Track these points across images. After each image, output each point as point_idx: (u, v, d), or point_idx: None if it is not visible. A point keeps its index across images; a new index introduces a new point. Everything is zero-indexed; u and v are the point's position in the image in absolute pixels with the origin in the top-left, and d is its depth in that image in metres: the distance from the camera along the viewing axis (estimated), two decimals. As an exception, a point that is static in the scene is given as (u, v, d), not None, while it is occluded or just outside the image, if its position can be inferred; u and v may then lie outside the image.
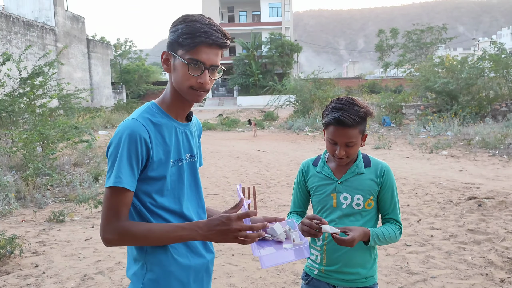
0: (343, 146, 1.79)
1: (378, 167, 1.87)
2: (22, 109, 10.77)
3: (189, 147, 1.62)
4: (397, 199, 1.90)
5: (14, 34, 22.70)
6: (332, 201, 1.87)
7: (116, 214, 1.43)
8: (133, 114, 1.53)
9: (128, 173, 1.43)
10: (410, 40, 50.51)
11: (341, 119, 1.75)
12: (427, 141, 13.44)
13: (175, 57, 1.49)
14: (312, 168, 1.97)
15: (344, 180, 1.86)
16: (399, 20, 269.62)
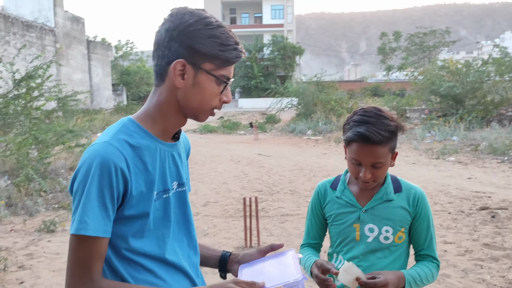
0: (369, 168, 1.47)
1: (411, 193, 1.56)
2: (17, 112, 10.47)
3: (177, 173, 1.28)
4: (433, 232, 1.59)
5: (13, 34, 22.46)
6: (354, 233, 1.55)
7: (86, 272, 1.10)
8: (104, 135, 1.17)
9: (98, 216, 1.10)
10: (413, 43, 50.35)
11: (366, 135, 1.42)
12: (433, 146, 13.12)
13: (198, 71, 1.18)
14: (330, 192, 1.64)
15: (370, 208, 1.54)
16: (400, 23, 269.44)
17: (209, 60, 1.17)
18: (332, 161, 11.76)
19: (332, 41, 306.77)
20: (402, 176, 6.71)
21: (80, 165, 1.13)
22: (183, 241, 1.30)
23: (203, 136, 20.68)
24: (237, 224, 5.97)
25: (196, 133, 21.89)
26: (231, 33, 1.21)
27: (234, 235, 5.56)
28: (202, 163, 11.83)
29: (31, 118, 10.57)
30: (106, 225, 1.11)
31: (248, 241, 5.10)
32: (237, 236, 5.47)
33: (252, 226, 5.26)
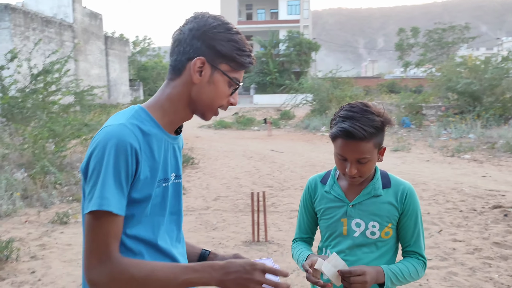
0: (354, 163, 1.47)
1: (399, 189, 1.56)
2: (34, 106, 10.69)
3: (176, 165, 1.33)
4: (422, 229, 1.59)
5: (32, 30, 22.84)
6: (342, 228, 1.55)
7: (105, 250, 1.13)
8: (118, 119, 1.22)
9: (116, 194, 1.13)
10: (431, 39, 49.57)
11: (350, 131, 1.43)
12: (448, 144, 12.95)
13: (215, 70, 1.25)
14: (320, 186, 1.65)
15: (358, 203, 1.54)
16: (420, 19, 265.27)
17: (226, 61, 1.25)
18: (345, 157, 11.70)
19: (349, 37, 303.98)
20: (416, 174, 6.69)
21: (95, 145, 1.16)
22: (174, 231, 1.34)
23: (217, 131, 20.78)
24: (246, 218, 6.01)
25: (210, 129, 22.00)
26: (246, 41, 1.29)
27: (243, 229, 5.60)
28: (215, 158, 11.90)
29: (48, 112, 10.79)
30: (122, 203, 1.15)
31: (255, 236, 5.14)
32: (245, 231, 5.51)
33: (260, 221, 5.29)
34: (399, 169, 9.71)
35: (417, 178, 8.57)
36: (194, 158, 10.88)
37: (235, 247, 4.95)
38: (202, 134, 19.11)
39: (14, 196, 6.70)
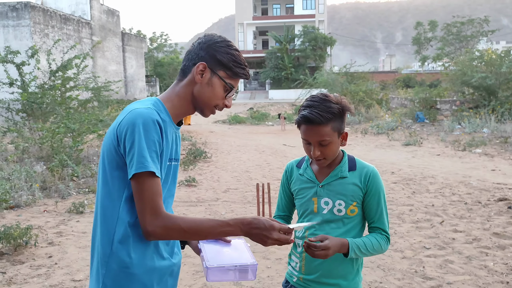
0: (316, 146, 1.67)
1: (363, 171, 1.73)
2: (53, 101, 11.05)
3: (176, 150, 1.61)
4: (385, 207, 1.75)
5: (51, 27, 23.37)
6: (313, 206, 1.75)
7: (155, 207, 1.40)
8: (143, 104, 1.51)
9: (151, 158, 1.40)
10: (450, 33, 48.86)
11: (308, 117, 1.65)
12: (460, 138, 12.92)
13: (214, 75, 1.54)
14: (296, 170, 1.85)
15: (326, 184, 1.73)
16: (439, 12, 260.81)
17: (224, 69, 1.54)
18: (356, 151, 11.80)
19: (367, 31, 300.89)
20: (425, 167, 6.85)
21: (129, 121, 1.41)
22: (169, 204, 1.61)
23: (231, 126, 21.00)
24: (253, 210, 6.21)
25: (225, 124, 22.24)
26: (243, 58, 1.59)
27: (250, 219, 5.80)
28: (228, 152, 12.12)
29: (66, 107, 11.15)
30: (158, 167, 1.42)
31: (261, 225, 5.33)
32: (252, 221, 5.71)
33: (265, 211, 5.49)
34: (409, 163, 9.78)
35: (425, 172, 8.65)
36: (207, 152, 11.13)
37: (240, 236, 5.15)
38: (216, 129, 19.36)
39: (33, 187, 7.04)
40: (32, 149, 9.47)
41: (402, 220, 5.59)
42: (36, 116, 11.16)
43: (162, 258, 1.54)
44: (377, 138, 14.50)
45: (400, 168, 9.12)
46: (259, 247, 4.73)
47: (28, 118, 11.34)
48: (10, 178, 7.31)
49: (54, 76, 11.56)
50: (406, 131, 15.11)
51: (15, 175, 7.32)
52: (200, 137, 14.93)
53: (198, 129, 18.33)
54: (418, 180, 7.95)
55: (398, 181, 7.96)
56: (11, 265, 4.28)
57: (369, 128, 16.53)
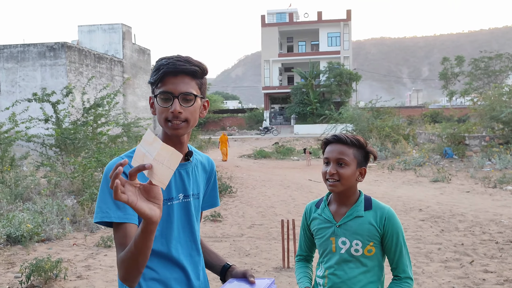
0: (334, 164, 1.76)
1: (379, 212, 1.77)
2: (85, 137, 11.46)
3: (183, 187, 1.58)
4: (405, 248, 1.77)
5: (86, 66, 24.43)
6: (331, 245, 1.80)
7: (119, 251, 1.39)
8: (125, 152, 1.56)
9: (115, 206, 1.40)
10: (477, 68, 48.43)
11: (338, 135, 1.79)
12: (490, 174, 12.62)
13: (154, 97, 1.52)
14: (315, 209, 1.92)
15: (343, 224, 1.78)
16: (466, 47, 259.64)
17: (152, 86, 1.52)
18: (383, 188, 11.67)
19: (393, 67, 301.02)
20: (454, 205, 6.74)
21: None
22: (187, 243, 1.60)
23: (256, 161, 21.12)
24: (278, 246, 6.20)
25: (250, 158, 22.39)
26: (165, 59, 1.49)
27: (274, 256, 5.80)
28: (253, 187, 12.18)
29: (97, 142, 11.54)
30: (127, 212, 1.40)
31: (285, 262, 5.32)
32: (276, 257, 5.70)
33: (290, 248, 5.48)
34: (437, 199, 9.60)
35: (454, 209, 8.47)
36: (232, 187, 11.21)
37: (265, 272, 5.15)
38: (242, 163, 19.51)
39: (64, 221, 7.24)
40: (64, 183, 9.78)
41: (430, 259, 5.48)
42: (68, 151, 11.57)
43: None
44: (404, 174, 14.31)
45: (428, 205, 8.96)
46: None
47: (61, 153, 11.77)
48: (43, 211, 7.55)
49: (87, 113, 12.04)
50: (434, 167, 14.87)
51: (47, 208, 7.56)
52: (225, 172, 15.07)
53: (223, 164, 18.51)
54: (447, 218, 7.78)
55: (426, 218, 7.81)
56: (41, 297, 4.39)
57: (396, 163, 16.34)
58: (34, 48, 22.76)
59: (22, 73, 22.89)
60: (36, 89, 19.67)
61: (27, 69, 22.85)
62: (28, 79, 22.78)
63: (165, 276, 1.52)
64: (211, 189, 1.76)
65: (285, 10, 49.79)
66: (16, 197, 8.73)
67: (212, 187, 1.76)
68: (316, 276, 1.87)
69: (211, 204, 1.78)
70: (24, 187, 9.37)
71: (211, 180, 1.76)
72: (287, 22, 47.94)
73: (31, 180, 9.98)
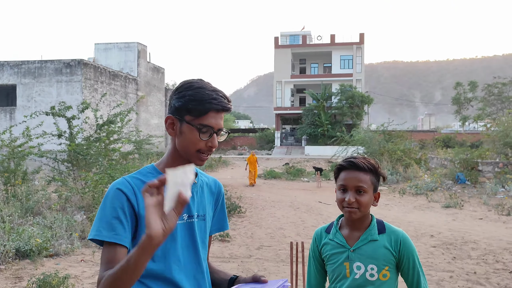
0: (353, 192, 1.72)
1: (393, 235, 1.75)
2: (97, 153, 11.56)
3: (187, 207, 1.57)
4: (421, 270, 1.74)
5: (101, 83, 24.83)
6: (345, 271, 1.76)
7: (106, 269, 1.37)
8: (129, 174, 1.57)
9: (108, 226, 1.40)
10: (491, 94, 48.24)
11: (354, 161, 1.76)
12: (504, 202, 12.41)
13: (182, 122, 1.52)
14: (325, 235, 1.88)
15: (357, 248, 1.75)
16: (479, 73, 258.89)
17: (187, 113, 1.50)
18: (394, 212, 11.53)
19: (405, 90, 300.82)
20: (466, 232, 6.64)
21: None
22: (191, 264, 1.57)
23: (266, 181, 21.04)
24: (286, 269, 6.13)
25: (260, 179, 22.31)
26: (208, 91, 1.50)
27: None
28: (262, 207, 12.11)
29: (109, 159, 11.63)
30: (118, 233, 1.39)
31: (294, 286, 5.23)
32: (284, 280, 5.62)
33: (299, 271, 5.41)
34: (449, 226, 9.44)
35: (467, 236, 8.31)
36: (241, 207, 11.16)
37: (273, 295, 5.07)
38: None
39: (73, 236, 7.25)
40: (74, 198, 9.83)
41: (442, 287, 5.35)
42: (80, 166, 11.67)
43: None
44: (415, 199, 14.13)
45: (440, 231, 8.81)
46: None
47: (73, 168, 11.87)
48: (52, 226, 7.58)
49: (100, 130, 12.17)
50: (446, 193, 14.68)
51: (56, 223, 7.58)
52: (235, 191, 15.03)
53: (233, 183, 18.48)
54: (459, 245, 7.63)
55: (438, 245, 7.67)
56: (47, 313, 4.37)
57: (407, 188, 16.16)
58: (51, 64, 23.24)
59: (38, 89, 23.34)
60: (51, 104, 20.00)
61: (43, 84, 23.30)
62: (44, 95, 23.20)
63: None
64: (219, 211, 1.74)
65: (299, 33, 50.29)
66: (26, 211, 8.79)
67: (220, 209, 1.75)
68: None
69: (220, 228, 1.76)
70: (35, 201, 9.43)
71: (218, 203, 1.74)
72: (300, 44, 48.37)
73: (42, 195, 10.05)
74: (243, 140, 51.02)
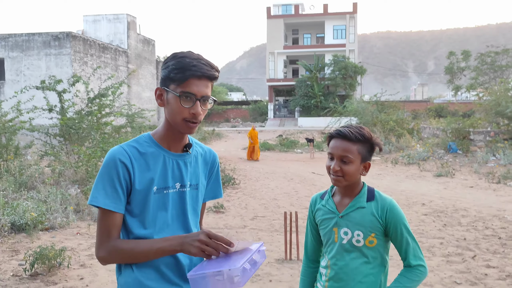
0: (338, 161, 1.75)
1: (381, 203, 1.76)
2: (89, 127, 11.48)
3: (180, 176, 1.63)
4: (410, 237, 1.75)
5: (90, 56, 24.42)
6: (334, 236, 1.80)
7: (106, 234, 1.51)
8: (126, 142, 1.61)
9: (105, 194, 1.50)
10: (484, 63, 48.12)
11: (341, 130, 1.76)
12: (495, 170, 12.58)
13: (168, 92, 1.55)
14: (319, 201, 1.91)
15: (345, 214, 1.78)
16: (472, 42, 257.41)
17: (170, 82, 1.54)
18: (386, 181, 11.66)
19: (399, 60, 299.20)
20: (457, 199, 6.72)
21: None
22: (179, 229, 1.62)
23: (260, 153, 21.09)
24: (280, 238, 6.22)
25: (254, 151, 22.35)
26: (190, 59, 1.52)
27: (277, 248, 5.81)
28: (256, 179, 12.19)
29: (101, 132, 11.56)
30: (115, 202, 1.50)
31: (287, 254, 5.33)
32: (278, 249, 5.72)
33: (292, 240, 5.49)
34: (440, 194, 9.59)
35: (458, 204, 8.45)
36: (236, 179, 11.22)
37: (267, 264, 5.17)
38: (245, 155, 19.49)
39: (68, 210, 7.28)
40: (68, 172, 9.82)
41: (432, 254, 5.48)
42: (72, 140, 11.60)
43: (169, 283, 1.58)
44: (407, 169, 14.28)
45: (431, 200, 8.94)
46: (279, 273, 4.73)
47: (65, 143, 11.80)
48: (47, 200, 7.59)
49: (92, 103, 12.05)
50: (437, 162, 14.83)
51: (51, 197, 7.59)
52: (229, 164, 15.08)
53: (227, 156, 18.52)
54: (450, 213, 7.77)
55: (429, 213, 7.80)
56: (45, 285, 4.43)
57: (399, 158, 16.31)
58: (39, 37, 22.77)
59: (27, 62, 22.93)
60: (41, 78, 19.70)
61: (32, 58, 22.88)
62: (33, 68, 22.82)
63: (156, 261, 1.57)
64: (213, 180, 1.79)
65: (291, 2, 49.48)
66: (20, 185, 8.78)
67: (215, 178, 1.79)
68: (320, 267, 1.88)
69: (214, 196, 1.81)
70: (28, 176, 9.41)
71: (213, 172, 1.78)
72: (293, 14, 47.68)
73: (35, 169, 10.02)
74: (236, 112, 50.83)
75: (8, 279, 4.57)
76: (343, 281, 1.74)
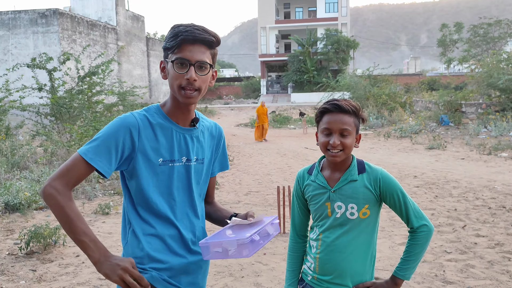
0: (338, 135, 1.73)
1: (372, 174, 1.77)
2: (80, 106, 11.38)
3: (187, 150, 1.64)
4: (408, 201, 1.77)
5: (79, 33, 24.00)
6: (327, 210, 1.80)
7: (66, 176, 1.46)
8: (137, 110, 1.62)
9: (97, 152, 1.48)
10: (476, 35, 47.95)
11: (338, 104, 1.73)
12: (486, 142, 12.70)
13: (167, 62, 1.57)
14: (307, 176, 1.90)
15: (338, 189, 1.78)
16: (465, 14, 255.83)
17: (167, 52, 1.56)
18: (379, 155, 11.74)
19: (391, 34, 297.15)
20: (448, 171, 6.78)
21: None
22: (184, 202, 1.65)
23: (253, 130, 21.10)
24: (274, 212, 6.29)
25: (247, 127, 22.38)
26: (183, 27, 1.53)
27: (270, 222, 5.87)
28: (250, 155, 12.23)
29: (93, 111, 11.47)
30: (100, 161, 1.48)
31: (282, 228, 5.40)
32: (272, 223, 5.78)
33: (286, 214, 5.56)
34: (432, 166, 9.69)
35: (449, 176, 8.55)
36: (229, 155, 11.25)
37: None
38: (239, 132, 19.51)
39: (61, 189, 7.27)
40: (60, 152, 9.78)
41: (423, 224, 5.56)
42: (64, 119, 11.52)
43: (175, 254, 1.61)
44: (400, 142, 14.38)
45: (423, 172, 9.04)
46: (273, 246, 4.80)
47: (56, 122, 11.71)
48: (40, 180, 7.58)
49: (82, 82, 11.91)
50: (430, 135, 14.93)
51: (44, 177, 7.58)
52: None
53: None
54: (441, 184, 7.87)
55: (421, 185, 7.90)
56: (41, 263, 4.47)
57: (392, 131, 16.39)
58: (26, 15, 22.29)
59: (14, 41, 22.51)
60: (29, 57, 19.38)
61: (19, 36, 22.45)
62: (21, 47, 22.43)
63: (162, 233, 1.60)
64: (221, 153, 1.83)
65: (282, -25, 48.62)
66: (12, 166, 8.74)
67: (222, 151, 1.84)
68: (309, 239, 1.90)
69: (221, 168, 1.86)
70: (20, 156, 9.36)
71: (220, 145, 1.82)
72: (284, -12, 46.91)
73: (27, 149, 9.97)
74: (228, 89, 50.52)
75: (4, 258, 4.61)
76: (335, 252, 1.77)
